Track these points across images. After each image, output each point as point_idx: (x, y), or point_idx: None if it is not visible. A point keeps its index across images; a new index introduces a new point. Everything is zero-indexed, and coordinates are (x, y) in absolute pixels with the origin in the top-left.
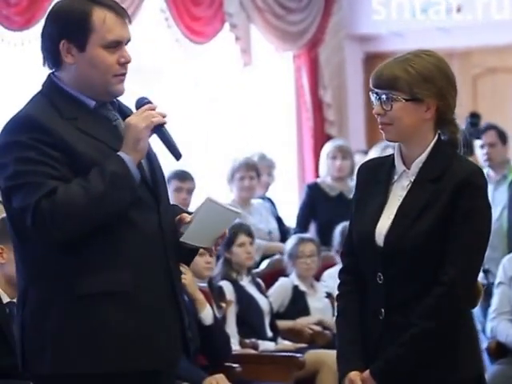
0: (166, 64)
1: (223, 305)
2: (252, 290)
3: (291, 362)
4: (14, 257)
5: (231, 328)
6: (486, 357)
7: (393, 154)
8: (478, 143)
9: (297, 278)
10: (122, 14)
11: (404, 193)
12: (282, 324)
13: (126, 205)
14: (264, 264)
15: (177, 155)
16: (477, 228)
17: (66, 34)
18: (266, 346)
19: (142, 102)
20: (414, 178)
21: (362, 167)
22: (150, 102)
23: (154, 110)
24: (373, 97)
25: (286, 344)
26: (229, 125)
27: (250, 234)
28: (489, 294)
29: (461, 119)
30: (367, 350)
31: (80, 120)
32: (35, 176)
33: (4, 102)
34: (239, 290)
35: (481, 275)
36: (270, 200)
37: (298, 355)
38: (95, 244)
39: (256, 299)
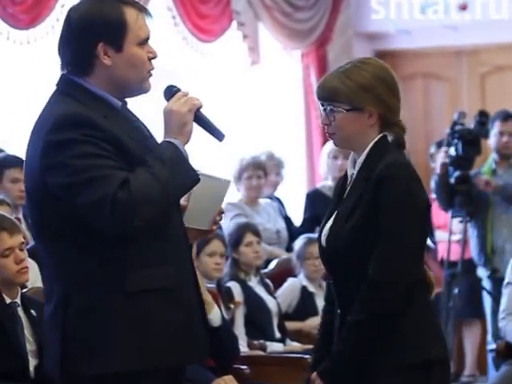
0: (174, 62)
1: (231, 306)
2: (260, 290)
3: (299, 363)
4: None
5: (239, 329)
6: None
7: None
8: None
9: (305, 278)
10: (147, 11)
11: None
12: (291, 325)
13: (188, 187)
14: (272, 264)
15: (219, 136)
16: (397, 220)
17: (103, 36)
18: (274, 347)
19: (172, 90)
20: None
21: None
22: (179, 90)
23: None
24: (320, 107)
25: (294, 345)
26: (237, 123)
27: (257, 234)
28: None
29: (469, 118)
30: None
31: (110, 118)
32: (100, 169)
33: (10, 99)
34: (247, 290)
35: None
36: (278, 199)
37: (306, 356)
38: (139, 241)
39: (264, 300)
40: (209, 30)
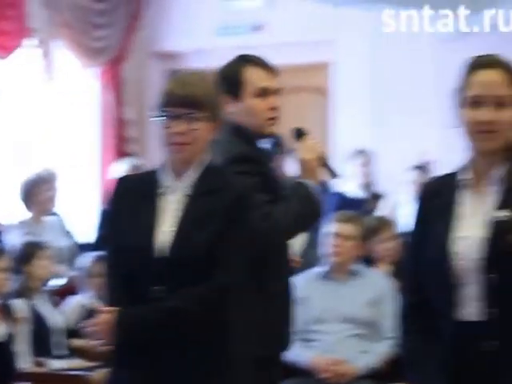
0: None
1: (14, 322)
2: (46, 307)
3: (81, 380)
4: None
5: (22, 346)
6: None
7: (155, 170)
8: None
9: None
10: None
11: (179, 205)
12: (75, 342)
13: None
14: None
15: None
16: (239, 235)
17: None
18: (56, 364)
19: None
20: (189, 190)
21: (121, 182)
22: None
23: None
24: (166, 115)
25: (77, 362)
26: (33, 140)
27: (47, 251)
28: None
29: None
30: None
31: None
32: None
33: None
34: (33, 307)
35: None
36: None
37: (89, 374)
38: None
39: (48, 317)
40: (4, 46)
